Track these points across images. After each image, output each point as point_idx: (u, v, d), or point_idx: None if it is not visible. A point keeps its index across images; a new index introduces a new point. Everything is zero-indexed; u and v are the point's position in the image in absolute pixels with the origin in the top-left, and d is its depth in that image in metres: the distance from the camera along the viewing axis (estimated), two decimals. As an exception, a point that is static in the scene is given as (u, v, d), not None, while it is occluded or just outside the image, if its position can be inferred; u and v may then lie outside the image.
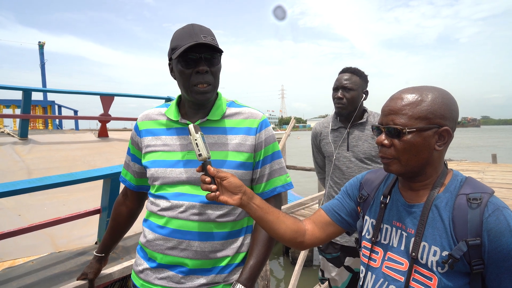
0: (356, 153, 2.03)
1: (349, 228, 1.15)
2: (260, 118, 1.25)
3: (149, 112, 1.31)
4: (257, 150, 1.23)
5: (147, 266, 1.22)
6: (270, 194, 1.26)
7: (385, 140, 0.93)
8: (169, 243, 1.17)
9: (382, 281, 0.97)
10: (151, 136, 1.25)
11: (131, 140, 1.34)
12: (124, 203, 1.43)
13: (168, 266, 1.18)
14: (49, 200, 3.63)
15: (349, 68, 2.07)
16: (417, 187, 0.97)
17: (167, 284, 1.18)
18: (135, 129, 1.31)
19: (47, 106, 9.90)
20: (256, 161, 1.24)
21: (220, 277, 1.19)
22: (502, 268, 0.82)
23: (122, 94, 7.30)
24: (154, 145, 1.24)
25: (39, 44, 12.73)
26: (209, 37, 1.13)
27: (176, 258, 1.17)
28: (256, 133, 1.23)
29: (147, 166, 1.24)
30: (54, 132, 7.07)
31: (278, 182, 1.26)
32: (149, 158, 1.24)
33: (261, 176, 1.25)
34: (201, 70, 1.12)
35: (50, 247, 2.65)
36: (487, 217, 0.83)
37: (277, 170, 1.27)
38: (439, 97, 0.90)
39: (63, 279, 2.14)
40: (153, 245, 1.20)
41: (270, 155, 1.25)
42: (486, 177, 8.91)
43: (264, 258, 1.21)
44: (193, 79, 1.13)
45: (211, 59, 1.15)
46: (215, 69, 1.16)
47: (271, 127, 1.28)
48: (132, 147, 1.33)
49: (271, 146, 1.26)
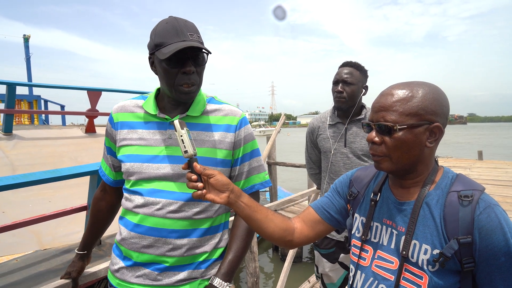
0: (354, 150, 2.02)
1: (338, 226, 1.14)
2: (239, 116, 1.25)
3: (125, 103, 1.27)
4: (236, 147, 1.23)
5: (122, 265, 1.20)
6: (248, 191, 1.26)
7: (376, 137, 0.92)
8: (144, 241, 1.15)
9: (372, 280, 0.96)
10: (127, 129, 1.21)
11: (106, 132, 1.30)
12: (103, 198, 1.39)
13: (144, 264, 1.16)
14: (34, 197, 3.57)
15: (350, 62, 2.05)
16: (407, 185, 0.95)
17: (144, 282, 1.16)
18: (110, 120, 1.27)
19: (32, 101, 9.71)
20: (235, 159, 1.24)
21: (197, 272, 1.18)
22: (492, 266, 0.81)
23: (110, 89, 7.19)
24: (130, 138, 1.20)
25: (24, 38, 12.44)
26: (195, 35, 1.10)
27: (152, 256, 1.15)
28: (235, 130, 1.22)
29: (122, 160, 1.21)
30: (40, 128, 6.93)
31: (257, 179, 1.27)
32: (124, 152, 1.20)
33: (240, 173, 1.25)
34: (188, 71, 1.09)
35: (35, 244, 2.61)
36: (479, 215, 0.82)
37: (256, 168, 1.27)
38: (430, 92, 0.88)
39: (48, 277, 2.11)
40: (128, 243, 1.17)
41: (249, 153, 1.26)
42: (473, 173, 9.06)
43: (242, 253, 1.21)
44: (179, 79, 1.10)
45: (198, 59, 1.12)
46: (201, 69, 1.14)
47: (250, 125, 1.28)
48: (107, 139, 1.30)
49: (250, 144, 1.26)
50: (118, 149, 1.23)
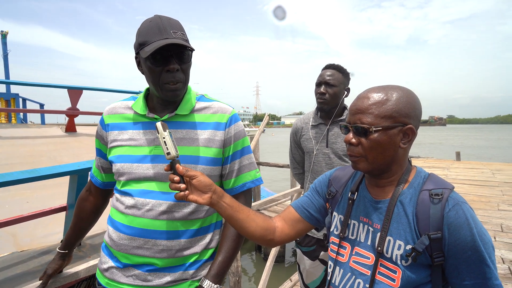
0: (335, 150, 2.06)
1: (317, 224, 1.17)
2: (229, 113, 1.23)
3: (115, 105, 1.27)
4: (226, 145, 1.21)
5: (112, 265, 1.19)
6: (239, 189, 1.24)
7: (353, 139, 0.95)
8: (134, 242, 1.14)
9: (349, 275, 1.00)
10: (117, 131, 1.21)
11: (96, 133, 1.29)
12: (87, 198, 1.38)
13: (134, 265, 1.15)
14: (11, 198, 3.48)
15: (332, 64, 2.10)
16: (383, 184, 0.99)
17: (133, 282, 1.15)
18: (101, 122, 1.27)
19: (10, 99, 9.44)
20: (225, 157, 1.22)
21: (187, 274, 1.17)
22: (460, 259, 0.86)
23: (91, 88, 7.07)
24: (121, 139, 1.20)
25: (1, 34, 12.08)
26: (179, 32, 1.09)
27: (142, 258, 1.14)
28: (225, 128, 1.20)
29: (112, 161, 1.20)
30: (17, 126, 6.76)
31: (248, 177, 1.25)
32: (115, 152, 1.20)
33: (230, 171, 1.23)
34: (171, 69, 1.09)
35: (12, 246, 2.55)
36: (448, 212, 0.87)
37: (247, 166, 1.25)
38: (403, 96, 0.93)
39: (25, 279, 2.06)
40: (118, 244, 1.16)
41: (240, 151, 1.24)
42: (451, 173, 9.33)
43: (233, 254, 1.20)
44: (164, 77, 1.09)
45: (182, 57, 1.11)
46: (186, 66, 1.13)
47: (240, 122, 1.26)
48: (97, 141, 1.29)
49: (240, 142, 1.24)
50: (109, 150, 1.22)
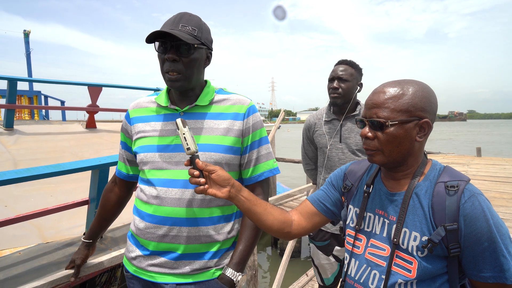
0: (349, 145, 2.07)
1: (333, 218, 1.19)
2: (247, 104, 1.28)
3: (140, 100, 1.35)
4: (245, 135, 1.25)
5: (139, 253, 1.24)
6: (257, 178, 1.28)
7: (369, 133, 0.97)
8: (159, 230, 1.19)
9: (365, 266, 1.01)
10: (142, 123, 1.28)
11: (122, 127, 1.37)
12: (113, 190, 1.45)
13: (160, 252, 1.20)
14: (36, 191, 3.60)
15: (345, 60, 2.11)
16: (398, 177, 1.00)
17: (160, 270, 1.20)
18: (126, 117, 1.35)
19: (33, 96, 9.71)
20: (244, 147, 1.26)
21: (212, 262, 1.22)
22: (476, 251, 0.86)
23: (110, 85, 7.20)
24: (144, 130, 1.26)
25: (24, 33, 12.40)
26: (188, 27, 1.14)
27: (167, 245, 1.19)
28: (243, 118, 1.25)
29: (137, 151, 1.27)
30: (40, 123, 6.96)
31: (266, 167, 1.29)
32: (139, 143, 1.26)
33: (248, 161, 1.27)
34: (168, 58, 1.14)
35: (38, 238, 2.64)
36: (464, 203, 0.87)
37: (264, 155, 1.29)
38: (419, 90, 0.93)
39: (50, 269, 2.14)
40: (144, 233, 1.22)
41: (258, 141, 1.28)
42: (471, 169, 9.12)
43: (253, 242, 1.24)
44: (165, 66, 1.16)
45: (183, 49, 1.14)
46: (188, 59, 1.16)
47: (258, 114, 1.31)
48: (122, 134, 1.37)
49: (258, 132, 1.28)
50: (134, 142, 1.29)
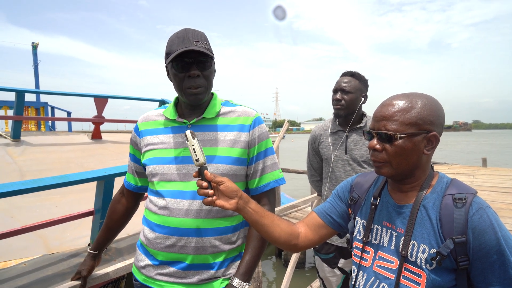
0: (354, 157, 2.07)
1: (340, 230, 1.18)
2: (253, 116, 1.30)
3: (149, 113, 1.39)
4: (251, 146, 1.27)
5: (149, 263, 1.27)
6: (263, 189, 1.30)
7: (377, 145, 0.97)
8: (168, 241, 1.21)
9: (373, 279, 1.00)
10: (150, 136, 1.31)
11: (131, 140, 1.40)
12: (120, 201, 1.48)
13: (169, 262, 1.23)
14: (41, 202, 3.61)
15: (349, 71, 2.12)
16: (406, 189, 1.00)
17: (169, 280, 1.23)
18: (135, 130, 1.38)
19: (39, 108, 9.83)
20: (250, 157, 1.28)
21: (219, 272, 1.23)
22: (485, 263, 0.86)
23: (116, 96, 7.28)
24: (153, 143, 1.29)
25: (32, 45, 12.62)
26: (201, 42, 1.18)
27: (176, 255, 1.21)
28: (249, 130, 1.28)
29: (146, 164, 1.29)
30: (47, 134, 7.03)
31: (271, 177, 1.31)
32: (148, 156, 1.29)
33: (255, 171, 1.29)
34: (192, 75, 1.18)
35: (43, 249, 2.64)
36: (472, 216, 0.87)
37: (270, 166, 1.31)
38: (427, 104, 0.94)
39: (55, 280, 2.14)
40: (153, 243, 1.24)
41: (263, 151, 1.30)
42: (476, 180, 9.02)
43: (259, 252, 1.25)
44: (186, 83, 1.19)
45: (203, 63, 1.20)
46: (207, 72, 1.21)
47: (264, 125, 1.33)
48: (131, 147, 1.40)
49: (264, 143, 1.30)
50: (143, 155, 1.31)
